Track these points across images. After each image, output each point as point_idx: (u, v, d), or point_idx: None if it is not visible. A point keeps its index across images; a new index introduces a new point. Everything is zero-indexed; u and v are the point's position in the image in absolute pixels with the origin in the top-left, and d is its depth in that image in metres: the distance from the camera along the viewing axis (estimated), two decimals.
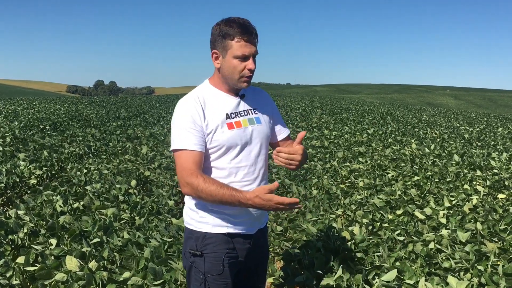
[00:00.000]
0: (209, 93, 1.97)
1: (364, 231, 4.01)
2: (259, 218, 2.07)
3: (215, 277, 1.95)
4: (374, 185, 5.73)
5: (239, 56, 1.85)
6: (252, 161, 1.99)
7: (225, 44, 1.86)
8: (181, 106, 1.92)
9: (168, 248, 3.53)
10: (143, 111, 18.47)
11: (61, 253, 3.34)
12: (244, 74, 1.89)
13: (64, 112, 15.67)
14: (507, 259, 3.29)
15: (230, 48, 1.85)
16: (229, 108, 1.96)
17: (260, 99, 2.11)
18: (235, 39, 1.84)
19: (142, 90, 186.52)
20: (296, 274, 3.28)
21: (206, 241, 1.96)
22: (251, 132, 1.98)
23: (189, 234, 2.01)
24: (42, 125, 11.30)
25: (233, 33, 1.83)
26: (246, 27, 1.85)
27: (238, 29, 1.83)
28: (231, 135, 1.91)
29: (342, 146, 9.45)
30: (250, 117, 2.00)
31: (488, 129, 14.76)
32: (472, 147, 10.03)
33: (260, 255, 2.18)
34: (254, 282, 2.21)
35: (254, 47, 1.88)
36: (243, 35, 1.83)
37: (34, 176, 5.91)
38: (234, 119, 1.95)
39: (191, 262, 1.99)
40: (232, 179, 1.95)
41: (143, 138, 9.99)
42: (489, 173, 6.80)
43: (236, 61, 1.87)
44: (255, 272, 2.19)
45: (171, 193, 5.25)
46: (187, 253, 2.00)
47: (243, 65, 1.88)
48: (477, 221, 4.11)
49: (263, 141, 2.04)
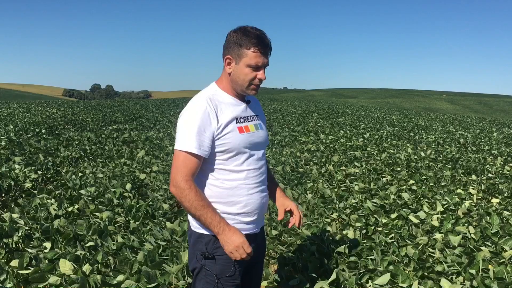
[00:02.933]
0: (220, 96, 2.02)
1: (358, 235, 4.02)
2: (263, 215, 2.17)
3: (227, 278, 2.01)
4: (369, 189, 5.75)
5: (252, 65, 1.94)
6: (258, 165, 2.08)
7: (241, 52, 1.94)
8: (193, 107, 1.95)
9: (162, 252, 3.53)
10: (140, 115, 18.47)
11: (55, 256, 3.34)
12: (254, 83, 1.99)
13: (60, 116, 15.65)
14: (499, 263, 3.31)
15: (245, 57, 1.93)
16: (239, 113, 2.03)
17: (258, 106, 2.21)
18: (251, 49, 1.92)
19: (139, 94, 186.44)
20: (290, 277, 3.29)
21: (217, 244, 2.00)
22: (257, 137, 2.07)
23: (198, 238, 2.05)
24: (38, 129, 11.28)
25: (250, 43, 1.92)
26: (263, 39, 1.94)
27: (255, 39, 1.92)
28: (242, 139, 1.99)
29: (338, 150, 9.47)
30: (255, 122, 2.10)
31: (483, 134, 14.82)
32: (467, 151, 10.08)
33: (260, 251, 2.28)
34: (253, 277, 2.30)
35: (267, 58, 1.98)
36: (259, 46, 1.92)
37: (29, 179, 5.90)
38: (243, 123, 2.02)
39: (202, 265, 2.02)
40: (240, 181, 2.02)
41: (139, 142, 9.99)
42: (484, 177, 6.84)
43: (249, 69, 1.95)
44: (255, 267, 2.28)
45: (166, 197, 5.25)
46: (198, 256, 2.03)
47: (254, 74, 1.97)
48: (470, 225, 4.14)
49: (264, 146, 2.15)
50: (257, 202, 2.07)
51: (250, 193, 2.04)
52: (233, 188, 2.01)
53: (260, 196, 2.08)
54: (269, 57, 2.00)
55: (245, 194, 2.03)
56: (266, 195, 2.16)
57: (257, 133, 2.07)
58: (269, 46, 1.97)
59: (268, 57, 1.99)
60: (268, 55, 1.99)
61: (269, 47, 1.98)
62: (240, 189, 2.02)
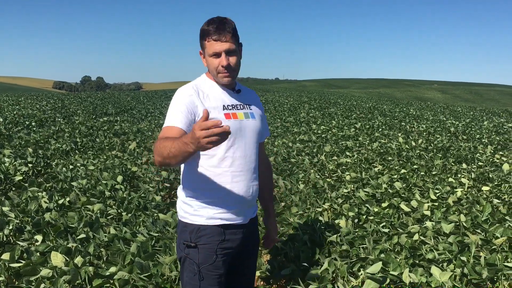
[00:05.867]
0: (206, 84, 2.06)
1: (350, 224, 4.04)
2: (250, 206, 2.14)
3: (208, 267, 2.01)
4: (360, 178, 5.77)
5: (211, 54, 1.97)
6: (245, 152, 2.06)
7: (203, 44, 2.00)
8: (177, 93, 2.00)
9: (155, 243, 3.53)
10: (131, 107, 18.36)
11: (46, 249, 3.33)
12: (219, 71, 1.99)
13: (50, 108, 15.52)
14: (490, 250, 3.34)
15: (206, 48, 1.98)
16: (226, 100, 2.05)
17: (254, 99, 2.22)
18: (206, 39, 1.96)
19: (130, 85, 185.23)
20: (283, 267, 3.31)
21: (200, 233, 2.02)
22: (246, 125, 2.07)
23: (183, 227, 2.07)
24: (28, 121, 11.18)
25: (205, 34, 1.97)
26: (216, 27, 1.93)
27: (208, 28, 1.95)
28: (228, 125, 1.95)
29: (330, 140, 9.49)
30: (246, 111, 2.10)
31: (474, 123, 14.91)
32: (458, 140, 10.14)
33: (252, 243, 2.25)
34: (245, 269, 2.29)
35: (227, 43, 1.94)
36: (212, 34, 1.94)
37: (20, 172, 5.85)
38: (231, 110, 2.03)
39: (185, 254, 2.04)
40: (225, 168, 2.01)
41: (131, 133, 9.94)
42: (474, 166, 6.89)
43: (212, 58, 1.98)
44: (247, 260, 2.27)
45: (158, 189, 5.24)
46: (181, 245, 2.06)
47: (218, 61, 1.97)
48: (461, 213, 4.17)
49: (256, 135, 2.13)
50: (242, 190, 2.05)
51: (234, 180, 2.02)
52: (217, 175, 2.00)
53: (246, 185, 2.06)
54: (231, 41, 1.94)
55: (229, 182, 2.01)
56: (254, 185, 2.12)
57: (246, 121, 2.07)
58: (226, 31, 1.93)
59: (228, 41, 1.94)
60: (228, 40, 1.93)
61: (226, 31, 1.93)
62: (224, 176, 2.01)
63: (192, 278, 2.03)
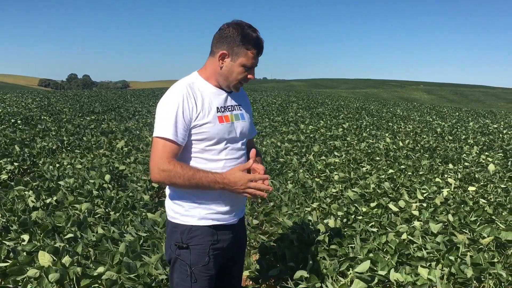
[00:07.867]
0: (200, 85, 2.01)
1: (339, 224, 4.06)
2: (240, 206, 2.14)
3: (201, 268, 2.00)
4: (349, 178, 5.81)
5: (247, 66, 1.97)
6: (236, 155, 2.05)
7: (240, 51, 1.94)
8: (171, 94, 1.94)
9: (144, 242, 3.51)
10: (118, 105, 18.23)
11: (33, 248, 3.29)
12: (242, 81, 2.01)
13: (36, 106, 15.34)
14: (477, 249, 3.38)
15: (243, 57, 1.95)
16: (219, 102, 2.02)
17: (243, 97, 2.19)
18: (250, 50, 1.94)
19: (117, 84, 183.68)
20: (272, 267, 3.31)
21: (191, 234, 1.99)
22: (237, 126, 2.06)
23: (174, 228, 2.04)
24: (13, 119, 11.04)
25: (250, 44, 1.94)
26: (260, 42, 1.97)
27: (255, 41, 1.94)
28: (221, 129, 1.98)
29: (318, 140, 9.52)
30: (236, 112, 2.08)
31: (460, 124, 15.07)
32: (444, 141, 10.24)
33: (240, 243, 2.25)
34: (233, 270, 2.28)
35: (258, 60, 2.01)
36: (258, 48, 1.96)
37: (5, 171, 5.78)
38: (223, 113, 2.01)
39: (176, 255, 2.01)
40: (217, 170, 1.98)
41: (118, 132, 9.87)
42: (460, 166, 6.97)
43: (242, 68, 1.97)
44: (236, 260, 2.26)
45: (146, 188, 5.21)
46: (172, 246, 2.02)
47: (246, 74, 1.99)
48: (449, 213, 4.22)
49: (245, 136, 2.12)
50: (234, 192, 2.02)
51: None
52: None
53: None
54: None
55: None
56: None
57: (237, 123, 2.06)
58: (263, 48, 2.00)
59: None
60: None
61: (263, 49, 2.00)
62: None
63: (183, 280, 2.01)
